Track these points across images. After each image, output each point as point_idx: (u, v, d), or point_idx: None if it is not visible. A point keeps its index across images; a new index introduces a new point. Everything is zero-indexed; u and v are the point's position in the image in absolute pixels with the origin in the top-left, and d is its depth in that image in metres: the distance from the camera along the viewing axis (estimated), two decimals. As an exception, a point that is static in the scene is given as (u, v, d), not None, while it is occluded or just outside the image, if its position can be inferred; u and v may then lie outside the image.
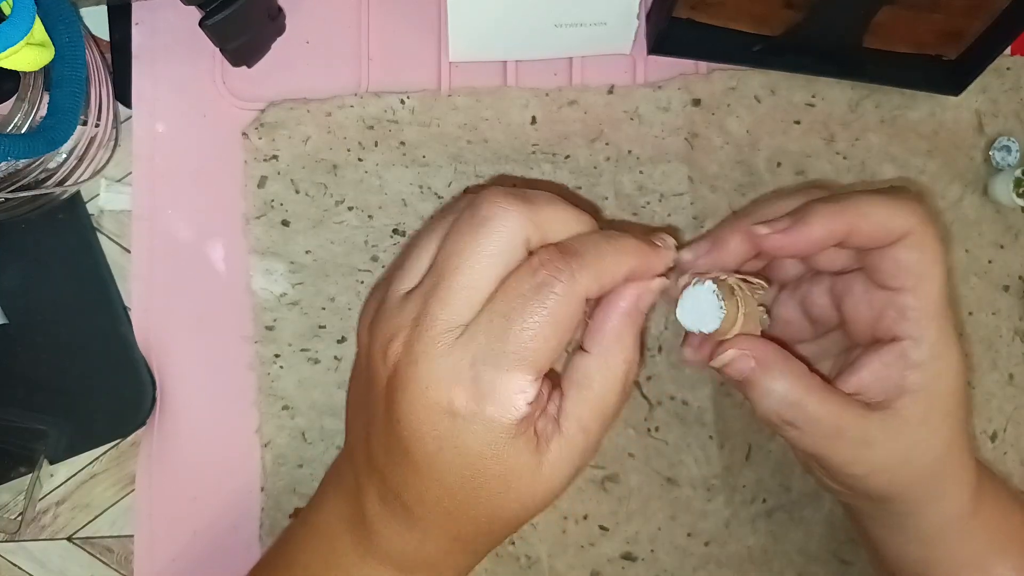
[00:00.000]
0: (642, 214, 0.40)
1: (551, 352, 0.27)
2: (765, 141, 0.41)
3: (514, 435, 0.27)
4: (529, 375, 0.26)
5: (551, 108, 0.40)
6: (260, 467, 0.39)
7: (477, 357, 0.26)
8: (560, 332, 0.27)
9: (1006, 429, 0.42)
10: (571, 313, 0.27)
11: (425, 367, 0.26)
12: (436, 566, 0.30)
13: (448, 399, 0.26)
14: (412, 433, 0.27)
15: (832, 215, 0.30)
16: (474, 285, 0.27)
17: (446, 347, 0.26)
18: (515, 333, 0.26)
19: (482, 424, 0.26)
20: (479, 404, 0.26)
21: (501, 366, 0.26)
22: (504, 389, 0.26)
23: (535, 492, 0.28)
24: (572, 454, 0.28)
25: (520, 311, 0.26)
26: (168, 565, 0.39)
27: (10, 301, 0.40)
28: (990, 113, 0.42)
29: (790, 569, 0.41)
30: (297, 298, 0.39)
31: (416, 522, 0.29)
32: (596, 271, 0.27)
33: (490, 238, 0.27)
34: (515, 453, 0.27)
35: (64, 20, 0.34)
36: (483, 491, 0.28)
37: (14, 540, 0.42)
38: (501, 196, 0.27)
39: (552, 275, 0.27)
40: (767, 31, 0.39)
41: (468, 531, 0.29)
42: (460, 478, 0.27)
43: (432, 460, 0.27)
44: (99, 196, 0.41)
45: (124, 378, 0.40)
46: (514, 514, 0.29)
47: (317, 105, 0.39)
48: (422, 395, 0.26)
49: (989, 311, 0.42)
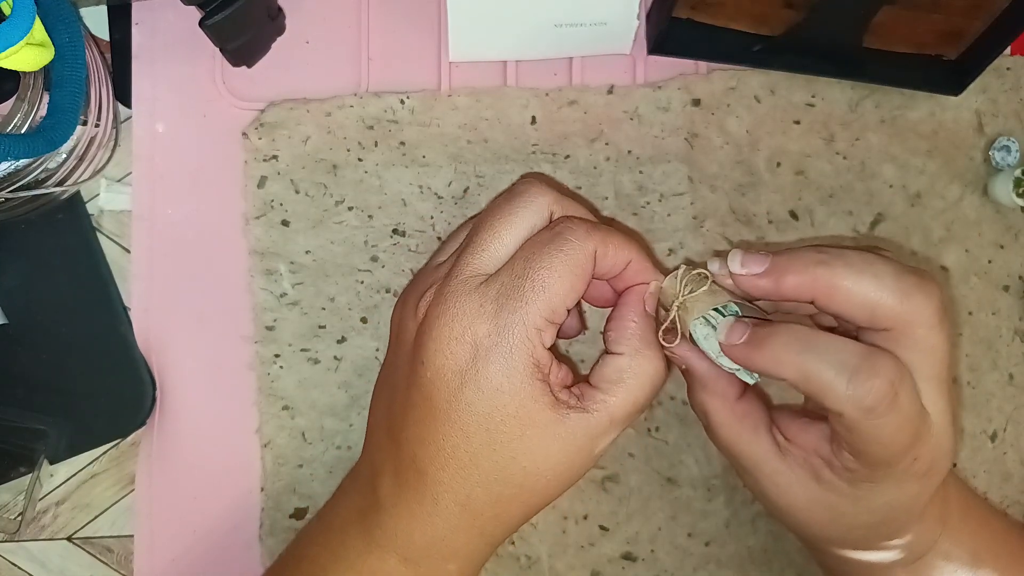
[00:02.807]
0: (642, 214, 0.40)
1: (565, 294, 0.29)
2: (765, 141, 0.41)
3: (531, 375, 0.28)
4: (545, 312, 0.28)
5: (551, 108, 0.40)
6: (260, 467, 0.39)
7: (500, 292, 0.28)
8: (573, 277, 0.29)
9: (1006, 429, 0.42)
10: (582, 262, 0.29)
11: (452, 303, 0.29)
12: (442, 552, 0.30)
13: (472, 331, 0.28)
14: (436, 372, 0.29)
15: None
16: (501, 239, 0.30)
17: (472, 288, 0.29)
18: (534, 270, 0.28)
19: (502, 355, 0.28)
20: (500, 335, 0.28)
21: (521, 299, 0.28)
22: (523, 322, 0.28)
23: (548, 451, 0.29)
24: (592, 433, 0.29)
25: (539, 254, 0.29)
26: (168, 565, 0.39)
27: (10, 301, 0.40)
28: (990, 113, 0.42)
29: (790, 569, 0.41)
30: (297, 298, 0.39)
31: (427, 489, 0.29)
32: (605, 235, 0.30)
33: (519, 202, 0.30)
34: (532, 396, 0.28)
35: (64, 20, 0.34)
36: (499, 434, 0.28)
37: (14, 540, 0.42)
38: (534, 176, 0.32)
39: (568, 226, 0.29)
40: (767, 31, 0.39)
41: (478, 496, 0.29)
42: (478, 416, 0.28)
43: (453, 399, 0.28)
44: (99, 196, 0.41)
45: (124, 378, 0.40)
46: (524, 477, 0.29)
47: (317, 105, 0.39)
48: (447, 329, 0.29)
49: (989, 311, 0.42)
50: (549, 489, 0.30)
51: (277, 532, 0.39)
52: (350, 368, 0.39)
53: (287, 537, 0.39)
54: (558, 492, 0.30)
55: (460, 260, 0.30)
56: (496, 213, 0.31)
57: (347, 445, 0.39)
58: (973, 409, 0.42)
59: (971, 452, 0.41)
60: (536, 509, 0.31)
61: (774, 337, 0.28)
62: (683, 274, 0.31)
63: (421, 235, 0.40)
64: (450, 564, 0.31)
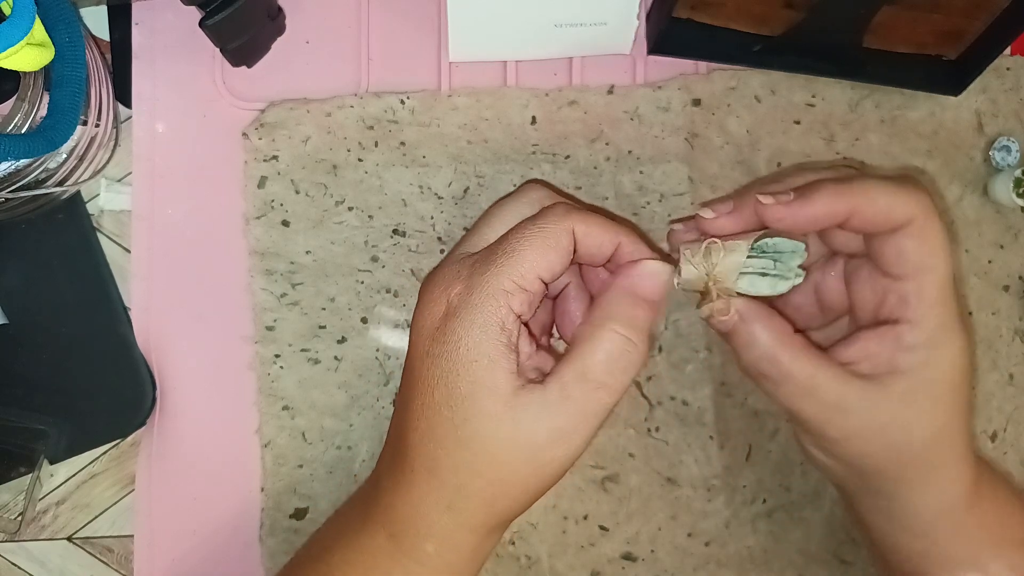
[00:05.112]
0: (642, 214, 0.40)
1: (534, 260, 0.29)
2: (765, 141, 0.41)
3: (494, 335, 0.29)
4: (513, 275, 0.29)
5: (551, 108, 0.40)
6: (260, 467, 0.39)
7: (477, 259, 0.30)
8: (545, 248, 0.30)
9: (1006, 429, 0.42)
10: (558, 235, 0.30)
11: (437, 274, 0.31)
12: (418, 527, 0.30)
13: (447, 293, 0.30)
14: (416, 334, 0.30)
15: (836, 195, 0.30)
16: (491, 225, 0.32)
17: (456, 261, 0.31)
18: (509, 243, 0.30)
19: (468, 310, 0.29)
20: (469, 292, 0.29)
21: (493, 263, 0.30)
22: (490, 282, 0.29)
23: (499, 417, 0.28)
24: (545, 407, 0.29)
25: (516, 230, 0.30)
26: (168, 565, 0.39)
27: (10, 301, 0.40)
28: (990, 113, 0.42)
29: (790, 569, 0.41)
30: (297, 298, 0.39)
31: (406, 456, 0.30)
32: (585, 216, 0.31)
33: (513, 196, 0.33)
34: (492, 356, 0.29)
35: (64, 20, 0.34)
36: (456, 391, 0.29)
37: (14, 540, 0.42)
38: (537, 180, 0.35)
39: (550, 208, 0.31)
40: (767, 31, 0.39)
41: (441, 459, 0.29)
42: (441, 371, 0.29)
43: (425, 355, 0.30)
44: (99, 196, 0.41)
45: (124, 378, 0.40)
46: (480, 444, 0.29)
47: (317, 105, 0.39)
48: (428, 294, 0.30)
49: (989, 311, 0.42)
50: (505, 467, 0.29)
51: (277, 532, 0.39)
52: (350, 368, 0.39)
53: (287, 537, 0.39)
54: (519, 477, 0.29)
55: (455, 247, 0.33)
56: (493, 206, 0.33)
57: (347, 445, 0.39)
58: (973, 409, 0.41)
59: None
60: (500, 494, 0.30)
61: (820, 185, 0.30)
62: (693, 256, 0.31)
63: (421, 235, 0.40)
64: (427, 543, 0.30)
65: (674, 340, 0.40)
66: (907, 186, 0.30)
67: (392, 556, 0.31)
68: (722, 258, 0.31)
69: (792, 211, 0.30)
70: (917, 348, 0.30)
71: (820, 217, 0.30)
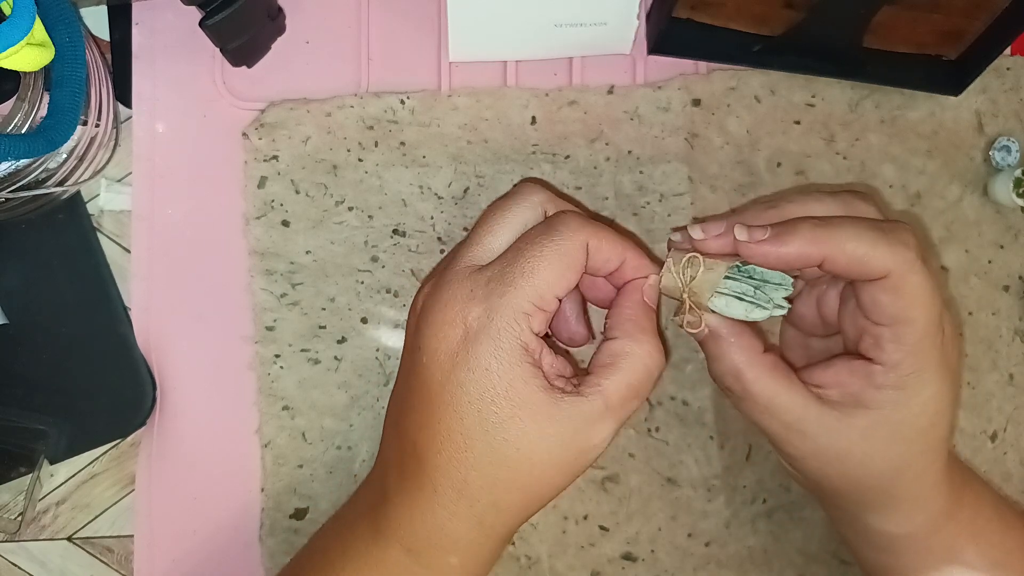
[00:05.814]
0: (642, 214, 0.40)
1: (553, 281, 0.29)
2: (765, 141, 0.41)
3: (520, 358, 0.29)
4: (532, 297, 0.29)
5: (551, 108, 0.40)
6: (260, 467, 0.39)
7: (491, 278, 0.29)
8: (562, 266, 0.29)
9: (1006, 429, 0.42)
10: (573, 251, 0.30)
11: (446, 291, 0.30)
12: (442, 542, 0.30)
13: (463, 315, 0.29)
14: (430, 356, 0.30)
15: (810, 241, 0.30)
16: (495, 234, 0.31)
17: (466, 276, 0.30)
18: (524, 258, 0.29)
19: (490, 336, 0.29)
20: (488, 317, 0.29)
21: (510, 284, 0.29)
22: (510, 306, 0.29)
23: (541, 434, 0.29)
24: (587, 417, 0.29)
25: (530, 244, 0.30)
26: (168, 565, 0.39)
27: (10, 301, 0.40)
28: (990, 113, 0.42)
29: (790, 569, 0.41)
30: (297, 298, 0.39)
31: (427, 475, 0.30)
32: (597, 229, 0.31)
33: (513, 200, 0.32)
34: (522, 377, 0.29)
35: (64, 20, 0.34)
36: (490, 415, 0.28)
37: (14, 540, 0.42)
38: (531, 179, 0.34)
39: (561, 219, 0.31)
40: (767, 31, 0.39)
41: (474, 480, 0.29)
42: (469, 397, 0.29)
43: (446, 381, 0.29)
44: (99, 196, 0.41)
45: (124, 378, 0.40)
46: (518, 460, 0.29)
47: (317, 105, 0.39)
48: (440, 314, 0.30)
49: (989, 311, 0.42)
50: (545, 477, 0.30)
51: (277, 532, 0.39)
52: (350, 368, 0.39)
53: (287, 537, 0.39)
54: (555, 483, 0.30)
55: (457, 254, 0.31)
56: (492, 210, 0.32)
57: (347, 445, 0.39)
58: (973, 409, 0.42)
59: (971, 452, 0.41)
60: (534, 501, 0.30)
61: (797, 227, 0.30)
62: (675, 265, 0.32)
63: (421, 235, 0.40)
64: (451, 557, 0.30)
65: (674, 340, 0.40)
66: (890, 235, 0.30)
67: (410, 570, 0.31)
68: (700, 274, 0.31)
69: (763, 250, 0.30)
70: (886, 389, 0.30)
71: (792, 260, 0.30)
